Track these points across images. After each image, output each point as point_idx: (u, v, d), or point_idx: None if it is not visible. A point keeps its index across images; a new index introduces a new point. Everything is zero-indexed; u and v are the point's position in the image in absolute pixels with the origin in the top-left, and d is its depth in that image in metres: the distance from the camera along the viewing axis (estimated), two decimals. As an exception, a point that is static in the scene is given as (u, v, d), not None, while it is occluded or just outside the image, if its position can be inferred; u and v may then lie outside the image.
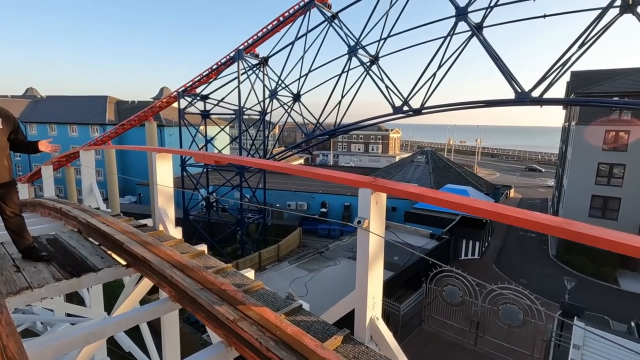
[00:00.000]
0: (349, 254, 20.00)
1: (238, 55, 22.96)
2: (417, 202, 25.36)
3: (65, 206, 5.34)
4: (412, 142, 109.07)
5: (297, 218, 31.15)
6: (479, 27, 15.27)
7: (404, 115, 17.73)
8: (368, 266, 2.44)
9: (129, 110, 38.09)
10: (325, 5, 20.66)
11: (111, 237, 3.76)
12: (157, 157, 4.54)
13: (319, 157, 73.61)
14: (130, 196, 37.55)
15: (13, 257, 3.58)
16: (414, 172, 36.25)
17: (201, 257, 3.61)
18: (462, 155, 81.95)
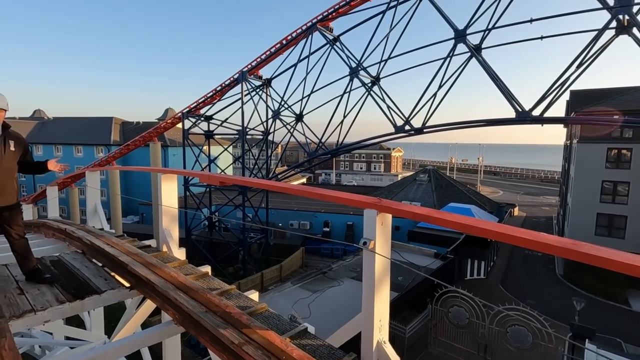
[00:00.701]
0: (353, 274, 19.71)
1: (242, 77, 23.45)
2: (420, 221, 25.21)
3: (70, 227, 5.35)
4: (414, 160, 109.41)
5: (300, 237, 30.92)
6: (478, 48, 15.61)
7: (405, 134, 17.89)
8: (374, 288, 2.42)
9: (134, 131, 38.63)
10: (327, 29, 21.24)
11: (115, 258, 3.75)
12: (163, 177, 4.58)
13: (321, 176, 73.80)
14: (133, 216, 37.54)
15: (17, 279, 3.57)
16: (417, 191, 36.17)
17: (205, 279, 3.59)
18: (464, 173, 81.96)
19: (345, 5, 20.23)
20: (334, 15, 20.85)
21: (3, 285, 3.36)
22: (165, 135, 35.39)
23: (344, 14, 20.77)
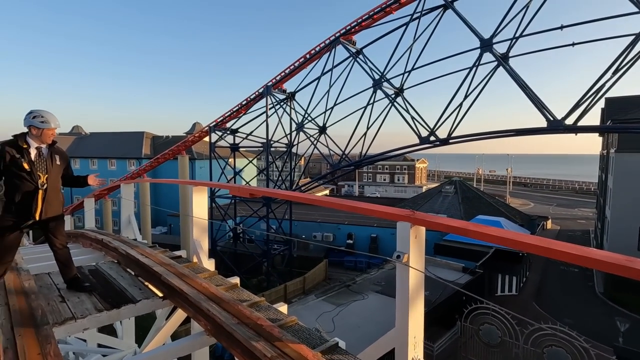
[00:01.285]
0: (377, 288, 19.32)
1: (266, 91, 24.01)
2: (447, 233, 24.52)
3: (106, 237, 5.58)
4: (439, 172, 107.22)
5: (323, 249, 30.76)
6: (505, 57, 15.29)
7: (430, 145, 17.63)
8: (408, 303, 2.36)
9: (163, 145, 40.17)
10: (350, 42, 21.49)
11: (150, 268, 3.86)
12: (194, 190, 4.71)
13: (344, 188, 73.58)
14: (161, 227, 38.68)
15: (58, 287, 3.73)
16: (443, 203, 35.32)
17: (235, 290, 3.61)
18: (492, 185, 79.40)
19: (369, 19, 20.44)
20: (357, 28, 21.10)
21: (46, 293, 3.52)
22: (192, 149, 36.55)
23: (367, 27, 20.98)
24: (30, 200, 3.26)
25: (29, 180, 3.22)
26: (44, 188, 3.30)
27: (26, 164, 3.19)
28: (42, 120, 3.31)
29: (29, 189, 3.23)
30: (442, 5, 17.91)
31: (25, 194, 3.23)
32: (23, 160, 3.18)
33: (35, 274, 3.99)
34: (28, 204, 3.27)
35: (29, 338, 2.33)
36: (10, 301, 2.94)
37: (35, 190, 3.25)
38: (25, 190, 3.22)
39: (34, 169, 3.24)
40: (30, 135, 3.34)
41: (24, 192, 3.22)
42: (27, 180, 3.21)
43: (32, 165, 3.24)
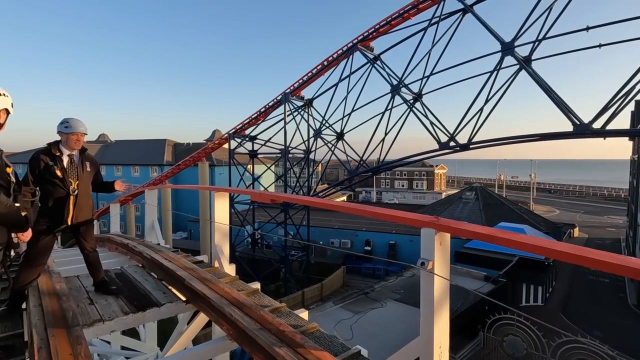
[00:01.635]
0: (396, 296, 19.02)
1: (285, 98, 24.28)
2: (468, 241, 23.93)
3: (131, 242, 5.73)
4: (458, 178, 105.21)
5: (341, 256, 30.58)
6: (528, 60, 14.93)
7: (450, 151, 17.33)
8: (434, 311, 2.30)
9: (184, 152, 41.14)
10: (368, 49, 21.51)
11: (173, 272, 3.93)
12: (216, 195, 4.78)
13: (362, 194, 73.17)
14: (182, 232, 39.44)
15: (87, 289, 3.85)
16: (463, 209, 34.56)
17: (256, 295, 3.63)
18: (514, 191, 77.20)
19: (386, 25, 20.44)
20: (374, 35, 21.12)
21: (76, 295, 3.64)
22: (212, 156, 37.26)
23: (384, 33, 20.97)
24: (62, 205, 3.40)
25: (61, 186, 3.36)
26: (75, 194, 3.43)
27: (59, 171, 3.34)
28: (67, 125, 3.45)
29: (61, 195, 3.37)
30: (462, 10, 17.72)
31: (58, 200, 3.37)
32: (56, 168, 3.33)
33: (66, 276, 4.13)
34: (60, 209, 3.41)
35: (61, 338, 2.41)
36: (44, 302, 3.06)
37: (67, 196, 3.39)
38: (58, 196, 3.36)
39: (66, 176, 3.38)
40: (62, 143, 3.49)
41: (56, 197, 3.36)
42: (60, 187, 3.35)
43: (65, 172, 3.39)
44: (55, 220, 3.41)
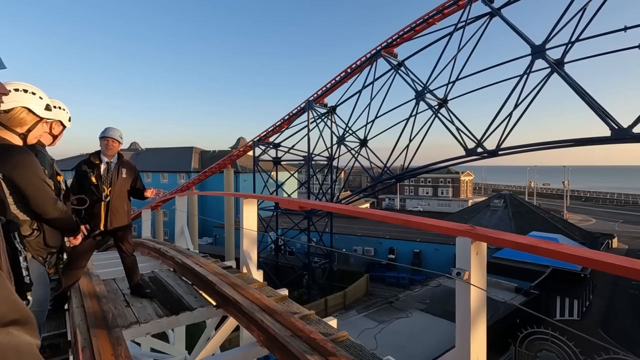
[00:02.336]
0: (422, 306, 18.56)
1: (308, 105, 24.51)
2: (496, 250, 23.09)
3: (163, 247, 5.92)
4: (486, 185, 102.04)
5: (364, 264, 30.23)
6: (560, 63, 14.40)
7: (477, 157, 16.88)
8: (470, 323, 2.23)
9: (210, 159, 42.23)
10: (392, 55, 21.43)
11: (204, 277, 4.02)
12: (244, 202, 4.87)
13: (385, 201, 72.33)
14: (207, 237, 40.29)
15: (123, 292, 4.01)
16: (491, 218, 33.44)
17: (285, 302, 3.65)
18: (546, 199, 74.02)
19: (410, 31, 20.32)
20: (398, 41, 21.03)
21: (113, 298, 3.78)
22: (237, 163, 38.02)
23: (408, 39, 20.85)
24: (96, 211, 3.58)
25: (95, 192, 3.54)
26: (107, 200, 3.60)
27: (94, 178, 3.53)
28: (101, 132, 3.67)
29: (95, 200, 3.55)
30: (489, 13, 17.37)
31: (92, 206, 3.54)
32: (92, 175, 3.52)
33: (104, 279, 4.31)
34: (95, 214, 3.58)
35: (103, 339, 2.51)
36: (85, 304, 3.20)
37: (99, 202, 3.57)
38: (92, 202, 3.54)
39: (99, 183, 3.57)
40: (101, 151, 3.69)
41: (91, 203, 3.55)
42: (94, 193, 3.53)
43: (99, 179, 3.57)
44: (92, 225, 3.59)
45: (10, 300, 0.46)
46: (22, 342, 0.45)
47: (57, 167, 2.41)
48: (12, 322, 0.44)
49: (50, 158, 2.44)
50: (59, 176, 2.34)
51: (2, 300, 0.45)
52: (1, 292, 0.45)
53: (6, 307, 0.45)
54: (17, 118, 2.05)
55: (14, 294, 0.47)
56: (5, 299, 0.45)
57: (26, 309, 0.47)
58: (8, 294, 0.46)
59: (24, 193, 1.96)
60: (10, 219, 1.35)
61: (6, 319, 0.44)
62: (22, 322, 0.46)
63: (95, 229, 3.61)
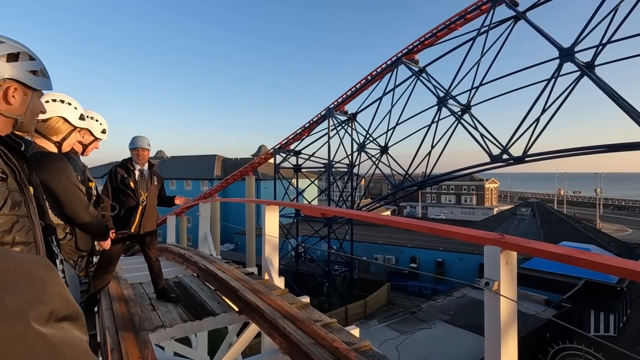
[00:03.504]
0: (446, 317, 18.02)
1: (328, 113, 24.62)
2: (524, 260, 22.20)
3: (187, 252, 6.04)
4: (511, 192, 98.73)
5: (385, 273, 29.76)
6: (590, 66, 13.85)
7: (503, 164, 16.38)
8: (500, 335, 2.14)
9: (232, 167, 43.01)
10: (413, 61, 21.28)
11: (227, 283, 4.06)
12: (266, 209, 4.90)
13: (406, 209, 71.25)
14: (229, 244, 40.86)
15: (149, 296, 4.10)
16: (518, 226, 32.25)
17: (306, 309, 3.63)
18: (577, 207, 70.84)
19: (432, 37, 20.14)
20: (419, 47, 20.88)
21: (140, 301, 3.88)
22: (258, 170, 38.54)
23: (429, 45, 20.65)
24: (131, 214, 3.70)
25: (133, 197, 3.67)
26: (144, 204, 3.72)
27: (132, 183, 3.66)
28: (131, 142, 3.86)
29: (132, 204, 3.68)
30: (513, 17, 16.99)
31: (128, 209, 3.67)
32: (130, 180, 3.65)
33: (131, 283, 4.43)
34: (129, 218, 3.71)
35: (130, 342, 2.57)
36: (114, 306, 3.30)
37: (136, 206, 3.69)
38: (128, 206, 3.67)
39: (137, 187, 3.69)
40: (133, 159, 3.83)
41: (127, 207, 3.67)
42: (131, 197, 3.66)
43: (136, 184, 3.70)
44: (124, 228, 3.71)
45: (63, 296, 0.48)
46: (75, 337, 0.46)
47: (89, 174, 2.51)
48: (65, 318, 0.46)
49: (83, 165, 2.55)
50: (91, 182, 2.44)
51: (57, 296, 0.47)
52: (56, 289, 0.47)
53: (60, 303, 0.46)
54: (53, 127, 2.16)
55: (67, 291, 0.50)
56: (60, 295, 0.47)
57: (77, 306, 0.49)
58: (62, 290, 0.48)
59: (58, 198, 2.05)
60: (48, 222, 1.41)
61: (60, 314, 0.46)
62: (74, 318, 0.48)
63: (129, 232, 3.73)
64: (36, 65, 1.23)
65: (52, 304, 0.45)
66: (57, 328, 0.44)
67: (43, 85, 1.26)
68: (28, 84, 1.19)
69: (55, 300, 0.46)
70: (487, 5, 17.90)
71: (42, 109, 1.32)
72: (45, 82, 1.27)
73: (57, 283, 0.48)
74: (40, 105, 1.29)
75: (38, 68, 1.23)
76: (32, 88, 1.22)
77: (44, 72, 1.26)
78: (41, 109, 1.30)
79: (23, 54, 1.18)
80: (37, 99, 1.26)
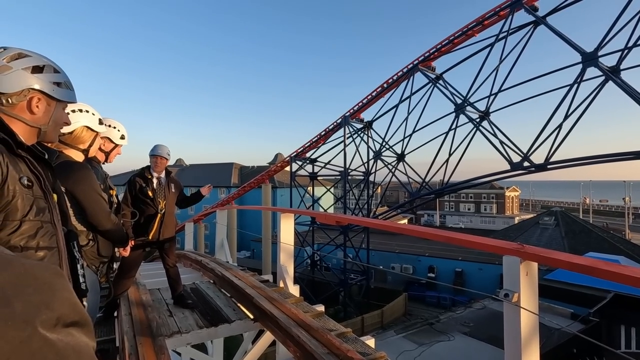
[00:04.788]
0: (465, 329, 17.51)
1: (344, 121, 24.67)
2: (548, 271, 21.39)
3: (204, 259, 6.12)
4: (533, 201, 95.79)
5: (402, 282, 29.26)
6: (616, 70, 13.41)
7: (524, 171, 15.95)
8: (521, 350, 2.07)
9: (249, 174, 43.56)
10: (429, 68, 21.14)
11: (242, 290, 4.09)
12: (282, 217, 4.93)
13: (424, 217, 70.11)
14: (245, 251, 41.16)
15: (167, 302, 4.17)
16: (541, 236, 31.19)
17: (321, 318, 3.60)
18: (604, 216, 67.98)
19: (449, 44, 19.98)
20: (435, 55, 20.74)
21: (158, 307, 3.95)
22: (274, 178, 38.86)
23: (446, 52, 20.49)
24: (150, 223, 3.79)
25: (152, 205, 3.76)
26: (163, 212, 3.81)
27: (150, 192, 3.75)
28: (151, 149, 3.94)
29: (151, 213, 3.77)
30: (532, 22, 16.69)
31: (147, 217, 3.77)
32: (148, 189, 3.75)
33: (150, 288, 4.52)
34: (148, 225, 3.80)
35: (148, 347, 2.62)
36: (133, 312, 3.36)
37: (155, 214, 3.78)
38: (148, 214, 3.76)
39: (155, 196, 3.79)
40: (151, 166, 3.93)
41: (146, 215, 3.76)
42: (150, 206, 3.75)
43: (155, 193, 3.80)
44: (142, 236, 3.80)
45: (72, 302, 0.49)
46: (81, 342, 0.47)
47: (111, 182, 2.60)
48: (73, 324, 0.47)
49: (104, 173, 2.64)
50: (112, 190, 2.52)
51: (65, 302, 0.48)
52: (64, 294, 0.48)
53: (68, 309, 0.47)
54: (79, 137, 2.26)
55: (76, 297, 0.51)
56: (68, 301, 0.48)
57: (85, 312, 0.50)
58: (70, 296, 0.49)
59: (82, 206, 2.13)
60: (70, 229, 1.46)
61: (68, 320, 0.46)
62: (82, 324, 0.49)
63: (148, 239, 3.82)
64: (60, 77, 1.29)
65: (59, 310, 0.46)
66: (64, 333, 0.45)
67: (66, 97, 1.32)
68: (51, 94, 1.25)
69: (63, 305, 0.47)
70: (505, 11, 17.65)
71: (67, 120, 1.38)
72: (69, 93, 1.33)
73: (65, 289, 0.49)
74: (64, 117, 1.35)
75: (62, 80, 1.29)
76: (56, 99, 1.27)
77: (67, 85, 1.33)
78: (65, 120, 1.36)
79: (48, 66, 1.25)
80: (61, 110, 1.32)
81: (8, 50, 1.18)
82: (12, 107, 1.17)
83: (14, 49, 1.20)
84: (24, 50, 1.21)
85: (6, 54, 1.17)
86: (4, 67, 1.14)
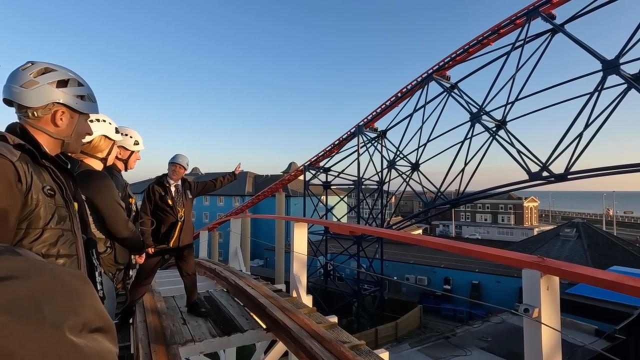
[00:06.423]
0: (483, 344, 16.93)
1: (358, 130, 24.68)
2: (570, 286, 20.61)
3: (218, 267, 6.16)
4: (553, 211, 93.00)
5: (417, 294, 28.67)
6: (638, 78, 13.03)
7: (543, 182, 15.55)
8: (542, 368, 1.98)
9: (263, 183, 43.90)
10: (444, 77, 21.02)
11: (255, 299, 4.08)
12: (295, 226, 4.93)
13: (439, 228, 68.89)
14: (259, 260, 41.24)
15: (180, 309, 4.20)
16: (562, 249, 30.17)
17: (334, 329, 3.56)
18: (629, 229, 65.29)
19: (464, 53, 19.86)
20: (450, 64, 20.64)
21: (172, 315, 3.98)
22: (288, 187, 39.02)
23: (461, 61, 20.36)
24: (171, 230, 3.85)
25: (172, 213, 3.82)
26: (182, 220, 3.87)
27: (170, 200, 3.83)
28: (172, 157, 4.00)
29: (171, 221, 3.83)
30: (550, 30, 16.45)
31: (168, 225, 3.83)
32: (168, 197, 3.82)
33: (164, 296, 4.57)
34: (168, 234, 3.86)
35: (161, 355, 2.63)
36: (147, 319, 3.40)
37: (175, 222, 3.84)
38: (169, 222, 3.83)
39: (175, 205, 3.85)
40: (169, 174, 4.01)
41: (166, 223, 3.83)
42: (170, 214, 3.82)
43: (174, 201, 3.87)
44: (163, 243, 3.86)
45: (97, 308, 0.50)
46: (105, 348, 0.48)
47: (130, 190, 2.66)
48: (97, 329, 0.48)
49: (124, 182, 2.71)
50: (131, 199, 2.58)
51: (91, 308, 0.49)
52: (89, 300, 0.50)
53: (93, 315, 0.49)
54: (98, 146, 2.33)
55: (100, 303, 0.52)
56: (93, 307, 0.50)
57: (109, 318, 0.52)
58: (95, 302, 0.51)
59: (101, 214, 2.18)
60: (90, 237, 1.50)
61: (93, 326, 0.48)
62: (106, 330, 0.50)
63: (168, 247, 3.87)
64: (84, 90, 1.34)
65: (85, 315, 0.47)
66: (89, 339, 0.46)
67: (89, 109, 1.37)
68: (75, 107, 1.30)
69: (89, 311, 0.48)
70: (521, 19, 17.48)
71: (89, 130, 1.43)
72: (92, 106, 1.38)
73: (91, 295, 0.50)
74: (87, 128, 1.40)
75: (85, 93, 1.34)
76: (79, 112, 1.32)
77: (90, 97, 1.38)
78: (87, 131, 1.41)
79: (72, 80, 1.30)
80: (84, 122, 1.37)
81: (35, 65, 1.24)
82: (38, 120, 1.22)
83: (41, 63, 1.25)
84: (50, 65, 1.27)
85: (33, 69, 1.22)
86: (31, 82, 1.20)
